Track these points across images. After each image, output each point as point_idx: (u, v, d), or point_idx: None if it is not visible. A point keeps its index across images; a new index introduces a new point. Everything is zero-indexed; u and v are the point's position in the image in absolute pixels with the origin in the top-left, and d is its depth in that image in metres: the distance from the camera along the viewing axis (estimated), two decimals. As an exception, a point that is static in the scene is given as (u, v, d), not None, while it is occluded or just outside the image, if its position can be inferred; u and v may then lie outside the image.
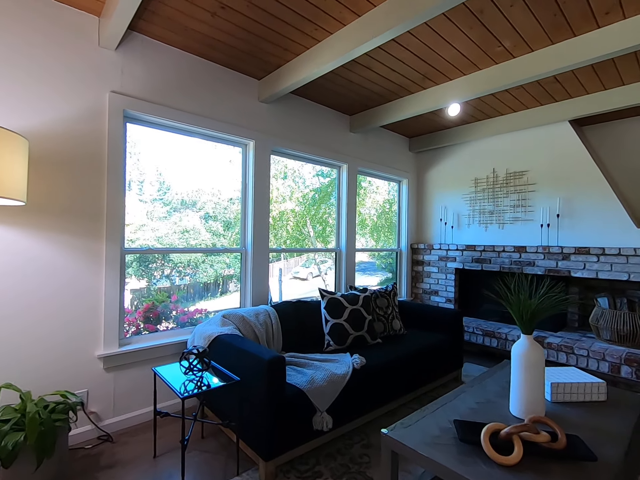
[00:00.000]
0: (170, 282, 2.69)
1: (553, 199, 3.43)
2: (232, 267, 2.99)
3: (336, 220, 3.72)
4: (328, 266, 3.85)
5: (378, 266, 4.57)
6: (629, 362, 2.70)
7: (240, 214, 2.94)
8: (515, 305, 1.70)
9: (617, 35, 2.08)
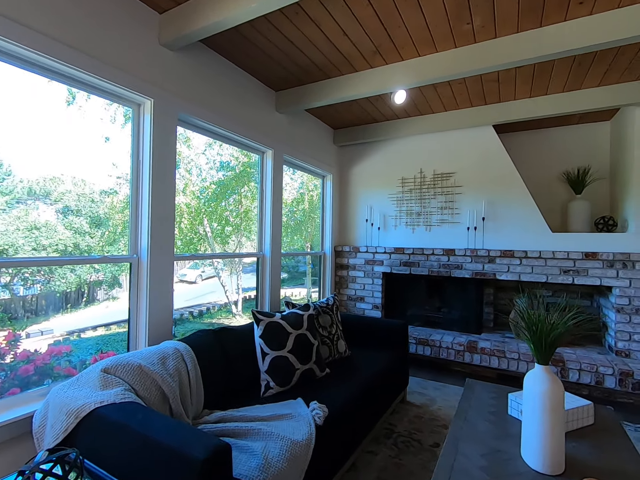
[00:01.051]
0: (11, 294, 1.70)
1: (479, 202, 3.45)
2: (101, 272, 2.10)
3: (258, 219, 3.02)
4: (223, 267, 3.14)
5: (283, 269, 4.03)
6: (555, 362, 2.78)
7: (128, 208, 2.01)
8: (534, 331, 1.37)
9: (579, 32, 2.00)
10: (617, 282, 2.84)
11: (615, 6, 1.88)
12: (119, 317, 2.17)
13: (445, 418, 2.42)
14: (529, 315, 1.40)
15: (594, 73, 2.60)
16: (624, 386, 2.58)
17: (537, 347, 1.35)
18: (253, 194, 3.24)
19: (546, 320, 1.36)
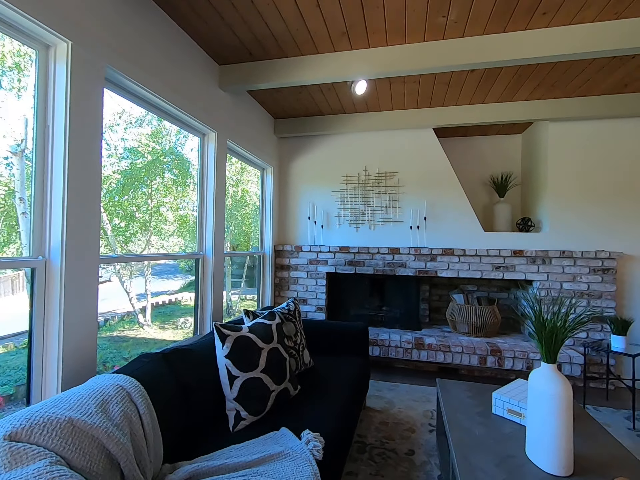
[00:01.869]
0: None
1: (420, 201, 3.54)
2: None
3: (198, 214, 2.56)
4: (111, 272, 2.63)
5: (182, 268, 3.60)
6: (493, 352, 2.99)
7: (32, 188, 1.43)
8: (543, 330, 1.33)
9: (534, 42, 2.12)
10: (538, 276, 3.19)
11: (568, 22, 2.04)
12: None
13: (409, 420, 2.36)
14: (539, 315, 1.37)
15: (527, 87, 2.86)
16: (549, 369, 2.89)
17: (547, 345, 1.33)
18: (167, 187, 2.74)
19: (553, 320, 1.34)
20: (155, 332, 3.34)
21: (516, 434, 1.51)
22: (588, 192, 3.19)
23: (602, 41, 2.03)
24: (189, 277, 3.45)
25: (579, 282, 3.10)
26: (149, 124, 2.44)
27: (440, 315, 3.98)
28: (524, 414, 1.60)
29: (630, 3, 1.85)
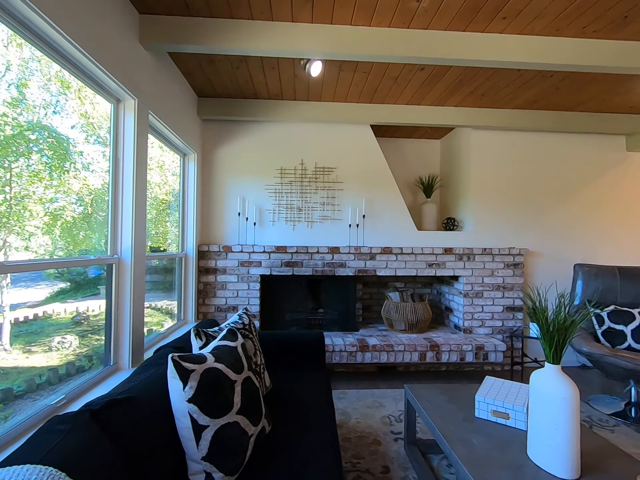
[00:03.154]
0: None
1: (359, 199, 3.46)
2: None
3: (110, 205, 1.93)
4: None
5: (49, 274, 2.93)
6: (432, 347, 3.08)
7: None
8: (547, 330, 1.29)
9: (488, 46, 2.19)
10: (464, 272, 3.42)
11: (519, 32, 2.15)
12: None
13: (371, 432, 2.21)
14: (542, 315, 1.34)
15: (462, 92, 3.01)
16: (478, 358, 3.11)
17: (552, 346, 1.29)
18: (35, 172, 2.05)
19: (557, 320, 1.32)
20: (17, 358, 2.50)
21: (509, 437, 1.47)
22: (503, 195, 3.55)
23: (541, 55, 2.20)
24: (57, 284, 2.65)
25: (496, 277, 3.43)
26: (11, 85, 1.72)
27: (371, 314, 3.99)
28: (510, 415, 1.58)
29: (572, 21, 2.03)
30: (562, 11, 1.96)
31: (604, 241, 3.61)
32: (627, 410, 2.52)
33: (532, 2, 1.88)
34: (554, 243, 3.58)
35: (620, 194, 3.64)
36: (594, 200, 3.61)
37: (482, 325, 3.41)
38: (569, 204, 3.60)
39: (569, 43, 2.20)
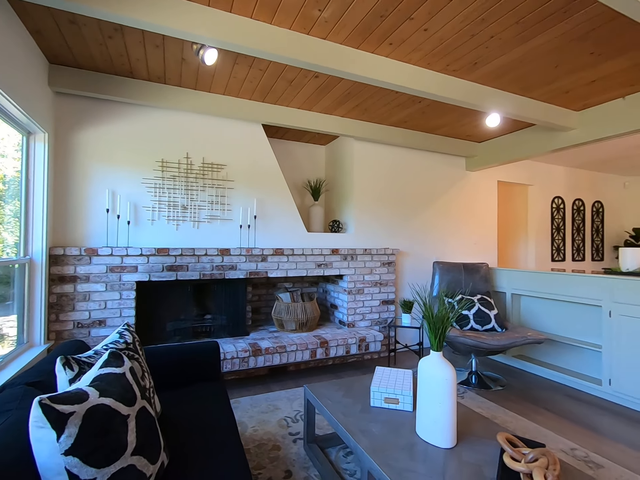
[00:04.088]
0: None
1: (250, 199, 3.36)
2: None
3: None
4: None
5: None
6: (322, 344, 3.22)
7: None
8: (433, 324, 1.49)
9: (375, 66, 2.41)
10: (348, 271, 3.70)
11: (401, 59, 2.43)
12: None
13: (270, 437, 2.18)
14: (429, 311, 1.53)
15: (348, 105, 3.24)
16: (361, 349, 3.41)
17: (436, 336, 1.50)
18: None
19: (440, 315, 1.53)
20: None
21: (400, 420, 1.65)
22: (379, 201, 3.98)
23: (415, 82, 2.55)
24: None
25: (374, 274, 3.82)
26: None
27: (259, 316, 3.95)
28: (399, 400, 1.77)
29: (440, 58, 2.41)
30: (434, 49, 2.30)
31: (453, 242, 4.43)
32: (470, 378, 3.14)
33: (413, 35, 2.16)
34: (418, 244, 4.20)
35: (462, 204, 4.52)
36: (445, 208, 4.39)
37: (363, 319, 3.75)
38: (428, 211, 4.28)
39: (436, 76, 2.61)
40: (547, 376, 3.28)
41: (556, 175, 5.48)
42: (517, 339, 2.87)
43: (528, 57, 2.38)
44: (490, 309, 3.26)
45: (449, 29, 2.09)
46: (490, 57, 2.39)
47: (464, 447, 1.44)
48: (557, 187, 5.49)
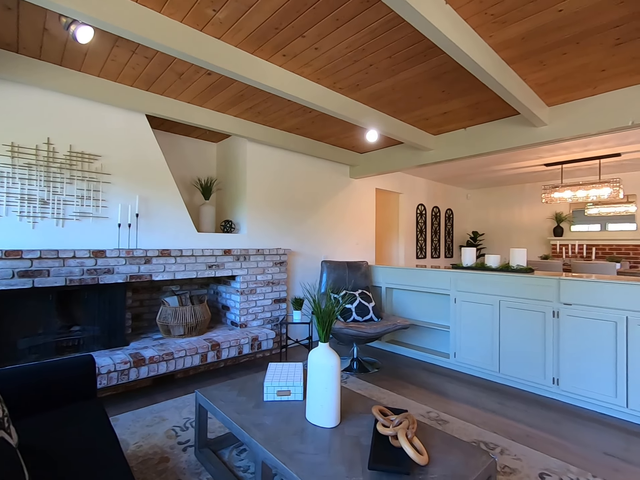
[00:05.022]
0: None
1: (132, 196, 3.05)
2: None
3: None
4: None
5: None
6: (213, 347, 3.15)
7: None
8: (321, 318, 1.66)
9: (269, 74, 2.50)
10: (241, 272, 3.70)
11: (293, 70, 2.57)
12: None
13: (156, 451, 2.05)
14: (318, 307, 1.69)
15: (242, 106, 3.24)
16: (253, 348, 3.45)
17: (325, 329, 1.68)
18: None
19: (327, 309, 1.71)
20: None
21: (292, 410, 1.78)
22: (272, 203, 4.08)
23: (305, 94, 2.73)
24: None
25: (267, 274, 3.91)
26: None
27: (142, 323, 3.63)
28: (291, 391, 1.90)
29: (328, 76, 2.64)
30: (323, 66, 2.51)
31: (339, 242, 4.84)
32: (352, 364, 3.51)
33: (305, 51, 2.32)
34: (308, 244, 4.46)
35: (347, 208, 4.98)
36: (332, 211, 4.77)
37: (256, 318, 3.80)
38: (317, 213, 4.58)
39: (324, 91, 2.84)
40: (412, 355, 3.90)
41: (419, 186, 6.49)
42: (389, 327, 3.34)
43: (398, 86, 2.80)
44: (369, 302, 3.70)
45: (336, 51, 2.32)
46: (370, 81, 2.73)
47: (347, 423, 1.65)
48: (421, 196, 6.52)
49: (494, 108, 3.20)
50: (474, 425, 2.39)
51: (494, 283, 3.22)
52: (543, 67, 2.46)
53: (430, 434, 1.57)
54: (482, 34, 2.09)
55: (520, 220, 7.13)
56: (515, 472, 1.90)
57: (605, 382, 2.59)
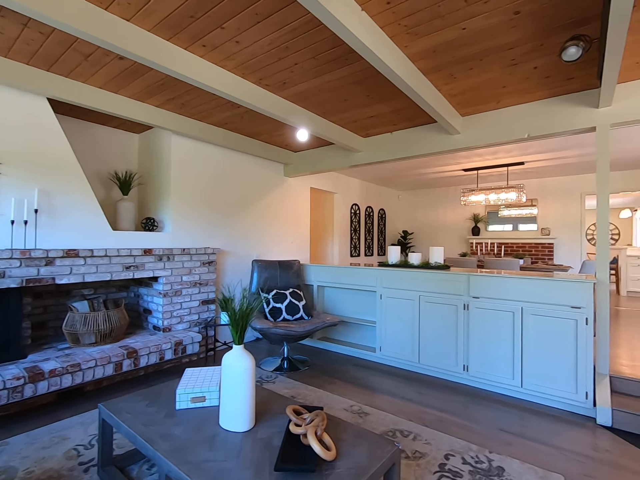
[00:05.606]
0: None
1: (29, 189, 2.69)
2: None
3: None
4: None
5: None
6: (130, 355, 2.92)
7: None
8: (235, 319, 1.62)
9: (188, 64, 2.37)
10: (164, 272, 3.48)
11: (216, 63, 2.46)
12: None
13: (52, 475, 1.84)
14: (231, 308, 1.63)
15: (163, 96, 3.04)
16: (177, 353, 3.26)
17: (238, 330, 1.63)
18: None
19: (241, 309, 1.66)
20: None
21: (206, 416, 1.71)
22: (200, 200, 3.90)
23: (230, 89, 2.65)
24: None
25: (194, 274, 3.73)
26: None
27: (47, 332, 3.25)
28: (206, 397, 1.82)
29: (253, 72, 2.58)
30: (246, 61, 2.45)
31: (272, 241, 4.79)
32: (283, 363, 3.50)
33: (226, 44, 2.24)
34: (239, 243, 4.34)
35: (281, 206, 4.94)
36: (265, 209, 4.71)
37: (181, 322, 3.60)
38: (250, 211, 4.48)
39: (251, 87, 2.78)
40: (342, 351, 4.01)
41: (354, 187, 6.70)
42: (318, 324, 3.39)
43: (324, 88, 2.84)
44: (300, 300, 3.72)
45: (259, 47, 2.27)
46: (296, 80, 2.73)
47: (262, 425, 1.63)
48: (355, 196, 6.73)
49: (415, 115, 3.40)
50: (392, 415, 2.51)
51: (415, 279, 3.42)
52: (454, 79, 2.67)
53: (343, 429, 1.62)
54: (398, 44, 2.20)
55: (445, 220, 7.71)
56: (424, 455, 2.03)
57: (505, 366, 2.90)
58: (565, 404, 2.67)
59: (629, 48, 2.24)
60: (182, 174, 3.73)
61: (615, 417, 2.41)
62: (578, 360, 2.60)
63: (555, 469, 1.95)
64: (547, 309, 2.72)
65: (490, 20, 1.97)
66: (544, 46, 2.23)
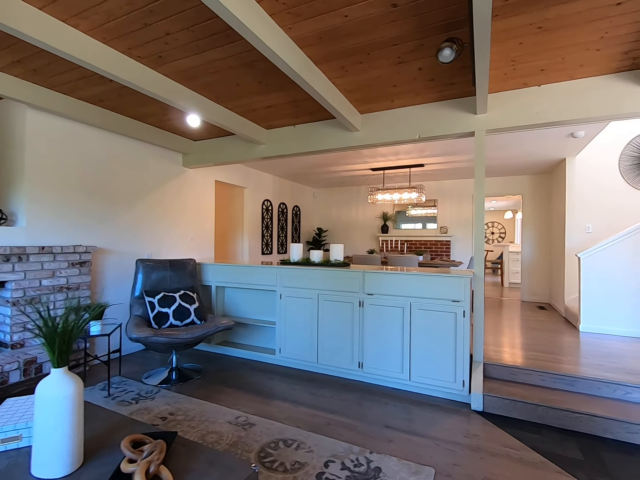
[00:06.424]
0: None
1: None
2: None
3: None
4: None
5: None
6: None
7: None
8: (52, 336, 1.28)
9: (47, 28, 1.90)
10: (13, 276, 2.84)
11: (64, 20, 2.02)
12: None
13: None
14: (48, 327, 1.29)
15: (3, 58, 2.44)
16: (29, 374, 2.69)
17: (60, 350, 1.29)
18: None
19: (65, 323, 1.32)
20: None
21: (17, 461, 1.34)
22: (71, 190, 3.29)
23: (86, 55, 2.21)
24: None
25: (58, 277, 3.13)
26: None
27: None
28: (23, 435, 1.44)
29: (119, 37, 2.18)
30: (105, 23, 2.05)
31: (169, 238, 4.31)
32: (170, 375, 3.13)
33: (70, -5, 1.83)
34: (125, 240, 3.80)
35: (179, 200, 4.49)
36: (160, 202, 4.21)
37: (39, 335, 2.99)
38: (140, 205, 3.95)
39: (117, 55, 2.36)
40: (241, 356, 3.76)
41: (266, 182, 6.46)
42: (210, 329, 3.09)
43: (211, 67, 2.56)
44: (192, 304, 3.37)
45: (116, 7, 1.90)
46: (175, 55, 2.40)
47: (89, 466, 1.32)
48: (267, 191, 6.50)
49: (315, 109, 3.30)
50: (278, 423, 2.36)
51: (314, 278, 3.34)
52: (345, 72, 2.60)
53: (196, 455, 1.39)
54: (280, 23, 2.03)
55: (357, 218, 7.92)
56: (304, 466, 1.91)
57: (395, 360, 2.97)
58: (446, 393, 2.82)
59: (496, 59, 2.40)
60: (44, 158, 3.10)
61: (486, 402, 2.60)
62: (457, 351, 2.75)
63: (427, 461, 1.99)
64: (432, 303, 2.84)
65: (370, 10, 1.91)
66: (424, 47, 2.26)
